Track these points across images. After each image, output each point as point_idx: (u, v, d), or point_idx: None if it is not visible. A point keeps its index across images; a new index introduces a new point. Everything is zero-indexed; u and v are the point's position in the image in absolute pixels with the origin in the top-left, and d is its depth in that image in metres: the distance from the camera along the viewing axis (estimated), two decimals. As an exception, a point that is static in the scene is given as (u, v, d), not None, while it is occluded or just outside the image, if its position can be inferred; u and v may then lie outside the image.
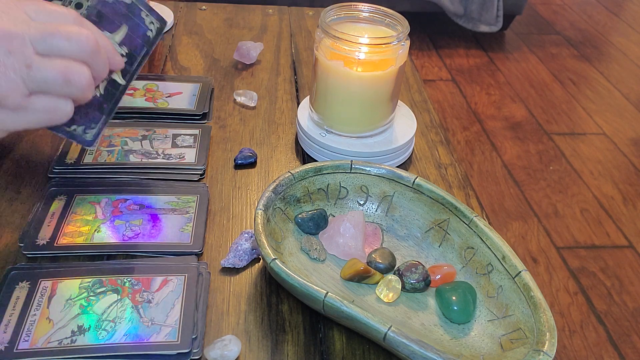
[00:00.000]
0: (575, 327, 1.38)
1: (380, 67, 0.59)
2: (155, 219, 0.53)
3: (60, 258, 0.49)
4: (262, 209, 0.48)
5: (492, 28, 2.50)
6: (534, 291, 0.45)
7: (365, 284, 0.49)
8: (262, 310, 0.47)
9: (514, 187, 1.81)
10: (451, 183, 0.62)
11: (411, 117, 0.67)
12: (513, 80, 2.39)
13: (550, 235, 1.64)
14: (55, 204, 0.53)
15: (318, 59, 0.60)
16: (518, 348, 0.43)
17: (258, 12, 0.94)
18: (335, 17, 0.61)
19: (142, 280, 0.47)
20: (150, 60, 0.79)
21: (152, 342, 0.42)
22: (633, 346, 1.34)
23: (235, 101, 0.72)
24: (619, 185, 1.86)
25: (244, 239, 0.50)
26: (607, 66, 2.56)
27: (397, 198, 0.54)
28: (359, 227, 0.51)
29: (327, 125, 0.62)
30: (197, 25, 0.89)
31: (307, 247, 0.51)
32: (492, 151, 1.97)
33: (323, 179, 0.54)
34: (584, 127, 2.14)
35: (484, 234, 0.49)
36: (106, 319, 0.43)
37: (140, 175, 0.58)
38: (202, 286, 0.47)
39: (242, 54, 0.79)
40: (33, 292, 0.45)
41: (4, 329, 0.42)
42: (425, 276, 0.48)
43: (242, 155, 0.61)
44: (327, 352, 0.44)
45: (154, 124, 0.65)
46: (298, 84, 0.77)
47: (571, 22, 2.94)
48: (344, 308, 0.41)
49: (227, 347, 0.41)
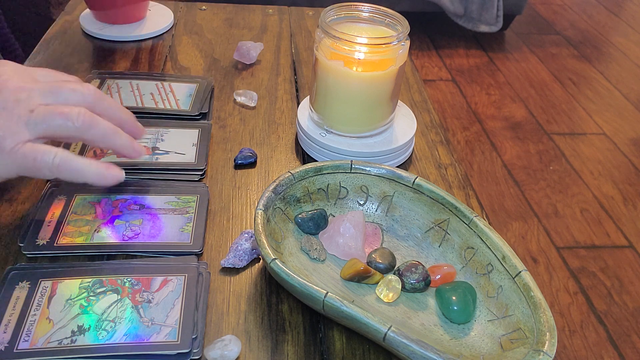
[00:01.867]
0: (575, 327, 1.38)
1: (380, 67, 0.59)
2: (155, 219, 0.53)
3: (60, 258, 0.49)
4: (262, 209, 0.48)
5: (492, 28, 2.50)
6: (534, 291, 0.45)
7: (365, 284, 0.49)
8: (262, 310, 0.47)
9: (514, 187, 1.81)
10: (451, 183, 0.62)
11: (411, 117, 0.67)
12: (513, 80, 2.39)
13: (550, 235, 1.64)
14: (55, 204, 0.53)
15: (318, 59, 0.60)
16: (518, 348, 0.43)
17: (258, 12, 0.94)
18: (335, 17, 0.61)
19: (142, 280, 0.47)
20: (150, 60, 0.79)
21: (152, 342, 0.42)
22: (633, 346, 1.34)
23: (235, 101, 0.72)
24: (619, 185, 1.86)
25: (244, 239, 0.50)
26: (607, 66, 2.56)
27: (397, 198, 0.54)
28: (359, 227, 0.51)
29: (327, 125, 0.62)
30: (197, 25, 0.89)
31: (307, 247, 0.51)
32: (492, 151, 1.97)
33: (323, 179, 0.54)
34: (584, 127, 2.14)
35: (484, 234, 0.49)
36: (106, 319, 0.43)
37: (140, 175, 0.58)
38: (202, 286, 0.47)
39: (242, 54, 0.79)
40: (33, 292, 0.45)
41: (4, 329, 0.42)
42: (425, 276, 0.48)
43: (242, 155, 0.62)
44: (327, 352, 0.44)
45: (154, 124, 0.65)
46: (298, 84, 0.77)
47: (571, 22, 2.94)
48: (344, 308, 0.41)
49: (227, 347, 0.42)
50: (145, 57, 0.79)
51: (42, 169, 0.46)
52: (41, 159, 0.45)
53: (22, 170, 0.46)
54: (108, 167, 0.49)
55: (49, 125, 0.46)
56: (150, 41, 0.83)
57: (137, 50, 0.81)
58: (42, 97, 0.46)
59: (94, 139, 0.48)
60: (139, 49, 0.81)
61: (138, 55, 0.80)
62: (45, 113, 0.45)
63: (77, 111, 0.46)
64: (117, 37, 0.82)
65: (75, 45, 0.80)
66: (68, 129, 0.46)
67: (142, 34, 0.83)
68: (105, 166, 0.49)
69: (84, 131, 0.47)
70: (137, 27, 0.84)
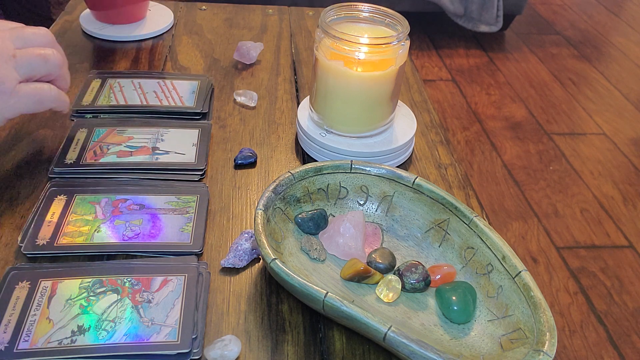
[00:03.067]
0: (575, 327, 1.38)
1: (380, 67, 0.59)
2: (155, 219, 0.53)
3: (60, 258, 0.49)
4: (262, 209, 0.48)
5: (492, 28, 2.50)
6: (534, 291, 0.45)
7: (365, 284, 0.49)
8: (262, 310, 0.47)
9: (514, 187, 1.81)
10: (451, 183, 0.62)
11: (411, 117, 0.67)
12: (513, 80, 2.39)
13: (550, 235, 1.64)
14: (55, 204, 0.53)
15: (318, 59, 0.60)
16: (518, 348, 0.43)
17: (258, 12, 0.94)
18: (335, 17, 0.61)
19: (142, 280, 0.47)
20: (150, 60, 0.79)
21: (152, 342, 0.42)
22: (633, 346, 1.34)
23: (235, 101, 0.72)
24: (619, 185, 1.86)
25: (244, 239, 0.50)
26: (607, 66, 2.56)
27: (397, 198, 0.54)
28: (359, 227, 0.51)
29: (327, 125, 0.62)
30: (197, 25, 0.89)
31: (307, 247, 0.51)
32: (492, 151, 1.97)
33: (323, 179, 0.54)
34: (584, 127, 2.14)
35: (484, 234, 0.49)
36: (106, 319, 0.43)
37: (140, 175, 0.58)
38: (202, 286, 0.47)
39: (242, 54, 0.79)
40: (33, 292, 0.45)
41: (4, 329, 0.42)
42: (425, 276, 0.48)
43: (242, 155, 0.62)
44: (327, 352, 0.44)
45: (154, 124, 0.65)
46: (298, 84, 0.77)
47: (571, 22, 2.94)
48: (344, 308, 0.41)
49: (227, 347, 0.42)
50: (145, 57, 0.79)
51: (45, 102, 0.53)
52: (42, 93, 0.52)
53: (26, 107, 0.52)
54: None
55: (32, 67, 0.52)
56: (150, 41, 0.83)
57: (137, 50, 0.81)
58: (13, 42, 0.52)
59: (62, 73, 0.56)
60: (139, 49, 0.81)
61: (138, 55, 0.80)
62: (28, 56, 0.52)
63: (51, 52, 0.53)
64: (117, 37, 0.82)
65: (75, 45, 0.80)
66: (47, 67, 0.53)
67: (142, 34, 0.83)
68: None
69: (59, 68, 0.54)
70: (137, 27, 0.84)
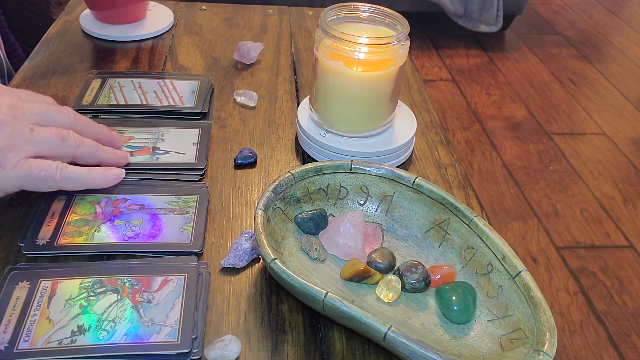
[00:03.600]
0: (575, 327, 1.38)
1: (380, 67, 0.59)
2: (155, 219, 0.53)
3: (60, 258, 0.49)
4: (262, 209, 0.48)
5: (492, 28, 2.50)
6: (534, 291, 0.45)
7: (365, 284, 0.49)
8: (262, 310, 0.47)
9: (514, 187, 1.81)
10: (451, 183, 0.62)
11: (411, 117, 0.67)
12: (513, 80, 2.39)
13: (550, 235, 1.64)
14: (55, 204, 0.53)
15: (318, 59, 0.60)
16: (518, 348, 0.43)
17: (258, 12, 0.94)
18: (335, 17, 0.61)
19: (142, 280, 0.47)
20: (150, 60, 0.79)
21: (152, 342, 0.42)
22: (633, 346, 1.34)
23: (235, 101, 0.72)
24: (619, 185, 1.86)
25: (244, 239, 0.50)
26: (607, 66, 2.56)
27: (397, 198, 0.54)
28: (359, 227, 0.51)
29: (327, 125, 0.62)
30: (197, 25, 0.89)
31: (307, 247, 0.51)
32: (492, 151, 1.97)
33: (323, 179, 0.54)
34: (584, 127, 2.14)
35: (484, 234, 0.49)
36: (106, 319, 0.43)
37: (140, 175, 0.58)
38: (202, 286, 0.47)
39: (242, 54, 0.79)
40: (33, 292, 0.45)
41: (4, 329, 0.42)
42: (425, 276, 0.48)
43: (242, 155, 0.62)
44: (327, 352, 0.44)
45: (154, 124, 0.65)
46: (298, 84, 0.77)
47: (571, 22, 2.94)
48: (344, 308, 0.41)
49: (227, 347, 0.42)
50: (145, 57, 0.79)
51: (47, 181, 0.50)
52: (46, 172, 0.50)
53: (26, 183, 0.50)
54: (106, 168, 0.55)
55: (49, 145, 0.51)
56: (150, 41, 0.83)
57: (137, 50, 0.81)
58: (34, 117, 0.51)
59: (83, 156, 0.54)
60: (139, 49, 0.81)
61: (138, 55, 0.80)
62: (45, 133, 0.51)
63: (69, 133, 0.52)
64: (117, 37, 0.82)
65: (75, 45, 0.80)
66: (64, 148, 0.52)
67: (142, 34, 0.83)
68: (103, 168, 0.54)
69: (76, 149, 0.52)
70: (137, 27, 0.84)
